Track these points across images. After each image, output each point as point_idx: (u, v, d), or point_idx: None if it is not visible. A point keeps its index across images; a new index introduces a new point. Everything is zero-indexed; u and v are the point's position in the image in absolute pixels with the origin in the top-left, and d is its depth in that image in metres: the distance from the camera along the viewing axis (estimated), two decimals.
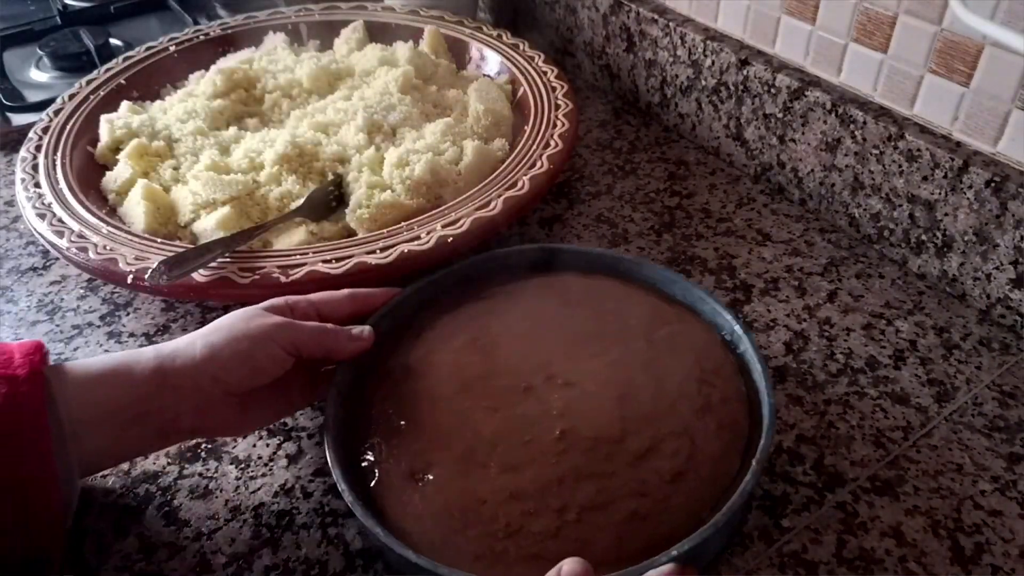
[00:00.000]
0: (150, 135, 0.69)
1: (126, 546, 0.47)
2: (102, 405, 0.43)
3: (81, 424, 0.42)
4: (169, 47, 0.82)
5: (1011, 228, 0.55)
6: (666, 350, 0.50)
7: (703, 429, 0.46)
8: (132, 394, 0.43)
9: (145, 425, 0.44)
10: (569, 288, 0.55)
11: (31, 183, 0.65)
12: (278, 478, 0.50)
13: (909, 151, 0.60)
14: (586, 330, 0.52)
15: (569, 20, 0.89)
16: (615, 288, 0.55)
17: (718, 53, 0.72)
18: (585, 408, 0.47)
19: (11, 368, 0.41)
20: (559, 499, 0.43)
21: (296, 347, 0.46)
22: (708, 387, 0.48)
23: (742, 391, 0.49)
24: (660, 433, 0.45)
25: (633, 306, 0.53)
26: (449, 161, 0.66)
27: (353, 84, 0.76)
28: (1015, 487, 0.48)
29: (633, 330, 0.51)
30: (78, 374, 0.43)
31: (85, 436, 0.42)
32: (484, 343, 0.51)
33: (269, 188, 0.64)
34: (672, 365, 0.49)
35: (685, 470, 0.44)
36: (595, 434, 0.45)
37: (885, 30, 0.60)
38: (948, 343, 0.58)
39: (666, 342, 0.51)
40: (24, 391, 0.40)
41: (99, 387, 0.43)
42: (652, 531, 0.42)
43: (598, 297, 0.54)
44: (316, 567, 0.46)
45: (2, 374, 0.41)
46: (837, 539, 0.46)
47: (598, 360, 0.49)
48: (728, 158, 0.77)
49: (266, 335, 0.45)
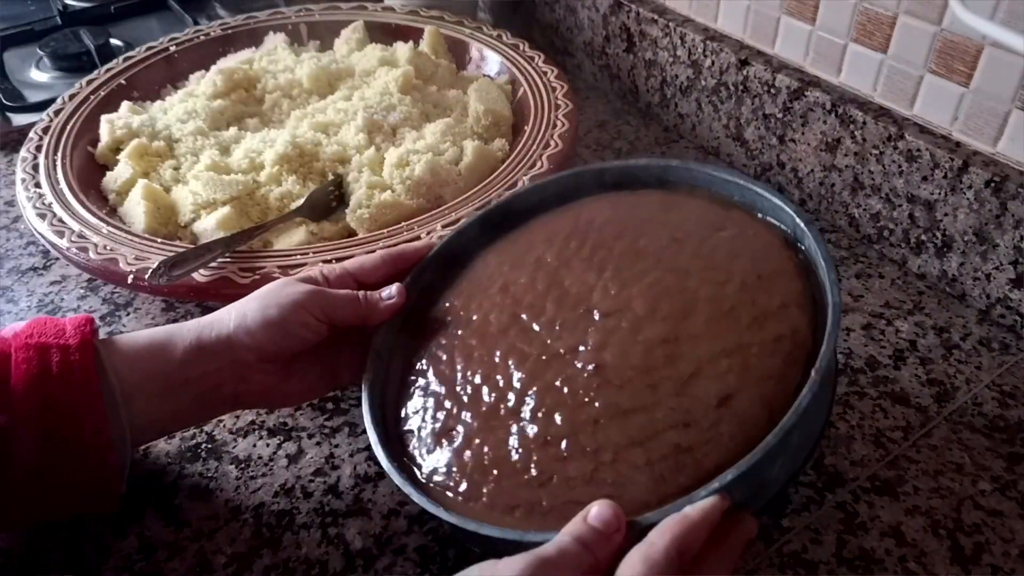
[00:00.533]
0: (150, 135, 0.69)
1: (126, 546, 0.47)
2: (147, 372, 0.45)
3: (129, 390, 0.44)
4: (169, 47, 0.82)
5: (1011, 228, 0.55)
6: (719, 258, 0.46)
7: (758, 343, 0.41)
8: (173, 362, 0.45)
9: (187, 392, 0.46)
10: (613, 207, 0.52)
11: (31, 183, 0.65)
12: (278, 478, 0.50)
13: (909, 151, 0.60)
14: (632, 253, 0.48)
15: (569, 20, 0.89)
16: (663, 202, 0.51)
17: (718, 53, 0.72)
18: (624, 338, 0.43)
19: (64, 338, 0.44)
20: (594, 440, 0.40)
21: (328, 315, 0.47)
22: (765, 294, 0.43)
23: (805, 294, 0.43)
24: (708, 353, 0.41)
25: (682, 216, 0.49)
26: (449, 161, 0.66)
27: (353, 84, 0.76)
28: (1015, 487, 0.48)
29: (682, 242, 0.47)
30: (125, 344, 0.46)
31: (134, 402, 0.44)
32: (518, 286, 0.49)
33: (269, 188, 0.64)
34: (724, 274, 0.45)
35: (735, 391, 0.39)
36: (635, 363, 0.42)
37: (885, 30, 0.60)
38: (948, 343, 0.58)
39: (719, 249, 0.46)
40: (77, 359, 0.43)
41: (144, 356, 0.45)
42: (697, 465, 0.38)
43: (644, 214, 0.50)
44: (316, 567, 0.46)
45: (57, 343, 0.43)
46: (837, 539, 0.46)
47: (641, 283, 0.46)
48: (728, 158, 0.77)
49: (296, 302, 0.46)
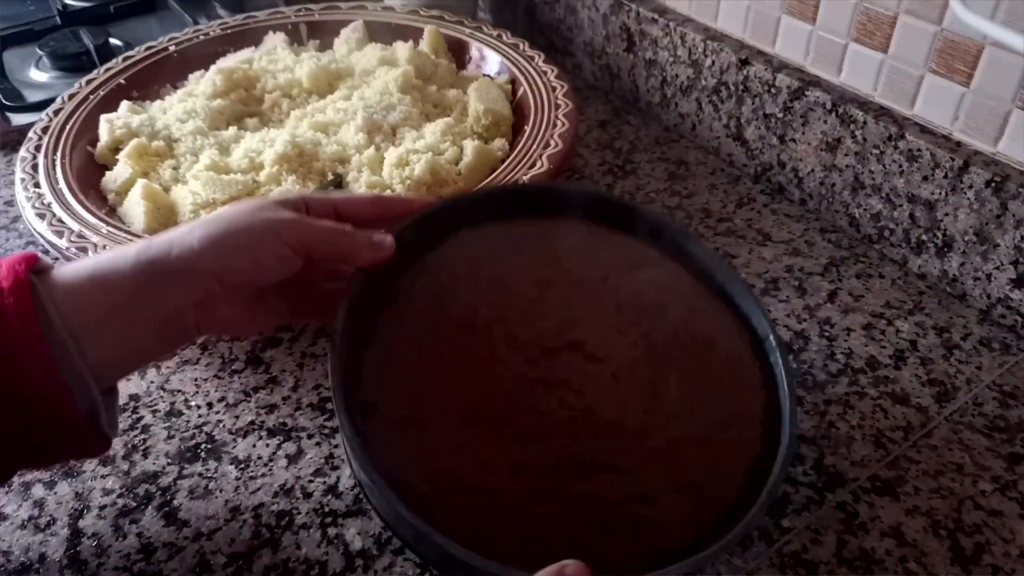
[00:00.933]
0: (150, 135, 0.69)
1: (125, 546, 0.47)
2: (97, 306, 0.39)
3: (77, 330, 0.39)
4: (169, 47, 0.82)
5: (1011, 228, 0.55)
6: (699, 346, 0.47)
7: (725, 443, 0.43)
8: (124, 289, 0.40)
9: (145, 324, 0.41)
10: (616, 245, 0.51)
11: (31, 183, 0.65)
12: (278, 478, 0.50)
13: (909, 151, 0.60)
14: (622, 297, 0.48)
15: (569, 20, 0.89)
16: (661, 259, 0.51)
17: (718, 53, 0.72)
18: (606, 390, 0.43)
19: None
20: (567, 485, 0.40)
21: (306, 247, 0.42)
22: (734, 397, 0.45)
23: (766, 406, 0.45)
24: (680, 436, 0.42)
25: (673, 284, 0.50)
26: (449, 161, 0.66)
27: (353, 84, 0.76)
28: (1015, 487, 0.48)
29: (669, 313, 0.48)
30: (67, 279, 0.40)
31: (87, 341, 0.39)
32: (510, 284, 0.47)
33: (269, 188, 0.64)
34: (702, 365, 0.46)
35: (698, 484, 0.41)
36: (614, 420, 0.42)
37: (885, 30, 0.60)
38: (948, 343, 0.58)
39: (699, 339, 0.47)
40: (11, 303, 0.37)
41: (89, 288, 0.40)
42: (650, 543, 0.39)
43: (643, 263, 0.51)
44: (316, 567, 0.46)
45: None
46: (837, 539, 0.46)
47: (627, 336, 0.46)
48: (728, 158, 0.77)
49: (272, 230, 0.41)
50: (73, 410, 0.38)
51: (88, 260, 0.41)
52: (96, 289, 0.39)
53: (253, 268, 0.41)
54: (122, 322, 0.40)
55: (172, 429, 0.54)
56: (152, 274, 0.40)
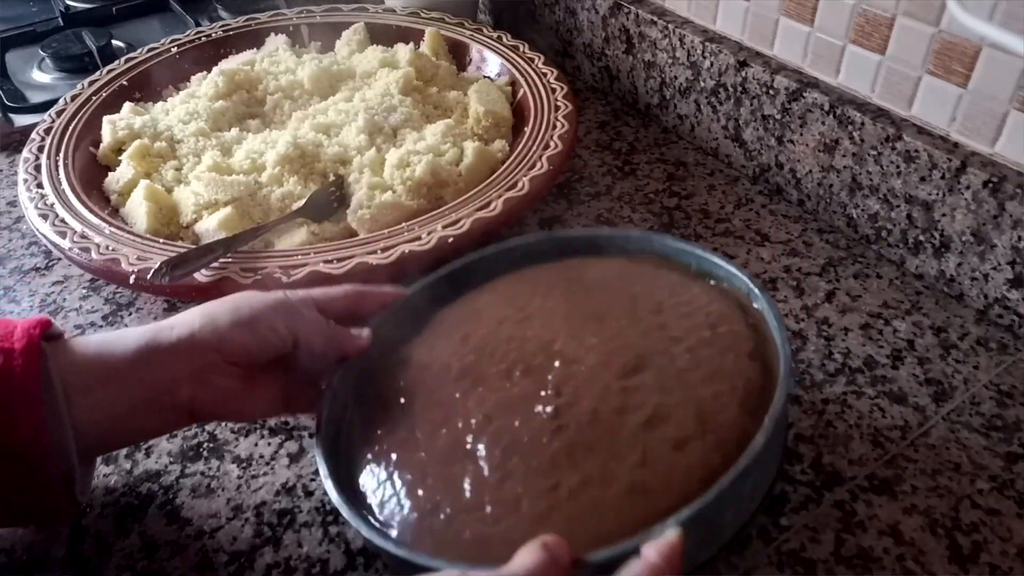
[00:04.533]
0: (152, 136, 0.70)
1: (128, 545, 0.47)
2: (94, 369, 0.42)
3: (72, 391, 0.42)
4: (171, 48, 0.82)
5: (1008, 228, 0.56)
6: (676, 318, 0.48)
7: (713, 394, 0.43)
8: (124, 358, 0.43)
9: (138, 393, 0.43)
10: (577, 271, 0.54)
11: (34, 184, 0.65)
12: (280, 477, 0.51)
13: (907, 152, 0.60)
14: (593, 310, 0.50)
15: (569, 22, 0.89)
16: (625, 267, 0.54)
17: (717, 55, 0.72)
18: (584, 382, 0.45)
19: (10, 341, 0.41)
20: (550, 478, 0.41)
21: (293, 329, 0.45)
22: (720, 351, 0.46)
23: (756, 349, 0.46)
24: (665, 402, 0.43)
25: (642, 281, 0.52)
26: (450, 162, 0.67)
27: (354, 86, 0.77)
28: (1012, 486, 0.48)
29: (641, 304, 0.50)
30: (76, 345, 0.43)
31: (76, 402, 0.42)
32: (482, 334, 0.50)
33: (271, 189, 0.65)
34: (681, 333, 0.47)
35: (692, 436, 0.41)
36: (593, 408, 0.43)
37: (883, 31, 0.60)
38: (946, 343, 0.58)
39: (676, 310, 0.49)
40: (18, 364, 0.41)
41: (92, 354, 0.43)
42: (654, 504, 0.39)
43: (607, 277, 0.53)
44: (317, 565, 0.46)
45: (2, 347, 0.41)
46: (835, 538, 0.46)
47: (602, 335, 0.48)
48: (727, 159, 0.77)
49: (268, 307, 0.45)
50: (54, 469, 0.41)
51: (97, 334, 0.45)
52: (98, 355, 0.43)
53: (251, 337, 0.44)
54: (117, 385, 0.43)
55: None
56: (153, 345, 0.43)
